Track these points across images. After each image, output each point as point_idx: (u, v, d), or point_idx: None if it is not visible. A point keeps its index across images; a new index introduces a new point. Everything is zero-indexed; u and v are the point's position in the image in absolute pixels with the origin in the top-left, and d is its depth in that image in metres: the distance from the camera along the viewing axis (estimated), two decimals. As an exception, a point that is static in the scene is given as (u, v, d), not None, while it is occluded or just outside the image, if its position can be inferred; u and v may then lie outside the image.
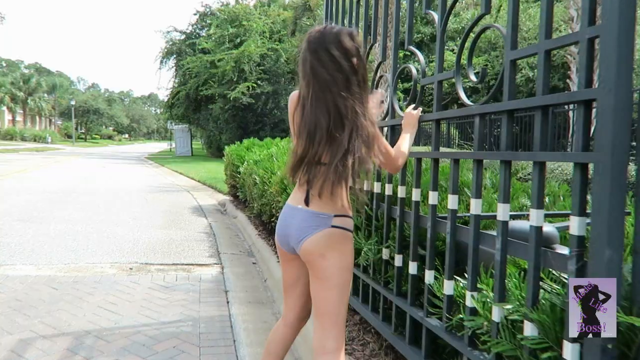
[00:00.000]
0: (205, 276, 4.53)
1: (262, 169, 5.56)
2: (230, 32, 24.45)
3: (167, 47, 28.72)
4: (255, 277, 4.60)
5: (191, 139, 32.77)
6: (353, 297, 2.93)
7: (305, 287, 1.90)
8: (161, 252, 5.33)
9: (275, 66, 24.61)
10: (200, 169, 17.08)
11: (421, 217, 2.21)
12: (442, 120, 2.18)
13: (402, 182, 2.37)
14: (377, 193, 2.67)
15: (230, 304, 3.79)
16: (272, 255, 4.92)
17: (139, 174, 16.37)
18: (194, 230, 6.71)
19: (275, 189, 4.57)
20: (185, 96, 25.87)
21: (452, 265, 1.89)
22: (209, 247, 5.70)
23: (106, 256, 5.04)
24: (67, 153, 31.21)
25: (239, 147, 8.44)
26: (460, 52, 1.95)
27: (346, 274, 1.74)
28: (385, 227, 2.52)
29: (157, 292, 3.98)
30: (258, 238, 5.83)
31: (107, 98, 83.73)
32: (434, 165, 2.16)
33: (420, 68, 2.22)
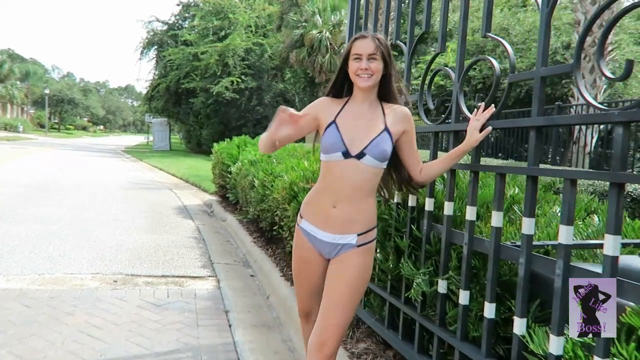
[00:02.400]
0: (200, 291, 4.02)
1: (262, 171, 5.07)
2: (214, 24, 23.78)
3: (148, 37, 27.87)
4: (256, 294, 4.12)
5: (170, 133, 31.89)
6: (391, 332, 2.49)
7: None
8: (148, 260, 4.80)
9: (260, 61, 24.05)
10: (180, 165, 16.41)
11: (504, 248, 1.77)
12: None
13: (471, 200, 1.94)
14: (428, 211, 2.23)
15: (233, 327, 3.31)
16: (273, 267, 4.45)
17: (116, 169, 15.61)
18: (181, 234, 6.17)
19: (281, 195, 4.10)
20: (165, 89, 25.07)
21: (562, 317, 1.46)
22: (200, 256, 5.19)
23: (86, 265, 4.48)
24: (39, 143, 29.93)
25: (230, 144, 7.91)
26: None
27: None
28: (443, 254, 2.09)
29: (147, 311, 3.47)
30: (254, 246, 5.35)
31: (83, 88, 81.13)
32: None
33: (510, 61, 1.78)
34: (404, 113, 1.87)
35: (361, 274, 1.84)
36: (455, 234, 2.06)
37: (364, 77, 1.78)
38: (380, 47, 1.78)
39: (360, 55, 1.78)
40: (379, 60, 1.78)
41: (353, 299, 1.83)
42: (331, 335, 1.78)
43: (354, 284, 1.82)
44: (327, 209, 1.83)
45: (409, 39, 2.53)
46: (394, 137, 1.82)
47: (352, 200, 1.79)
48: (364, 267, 1.84)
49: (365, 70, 1.77)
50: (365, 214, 1.82)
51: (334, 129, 1.81)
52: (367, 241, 1.84)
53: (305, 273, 1.98)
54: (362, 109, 1.85)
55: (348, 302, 1.81)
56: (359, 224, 1.82)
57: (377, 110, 1.84)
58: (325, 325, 1.80)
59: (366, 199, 1.81)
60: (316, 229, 1.88)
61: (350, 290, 1.82)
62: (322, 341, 1.79)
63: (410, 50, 2.50)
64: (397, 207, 2.51)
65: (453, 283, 2.03)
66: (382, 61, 1.79)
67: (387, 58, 1.80)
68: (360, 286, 1.85)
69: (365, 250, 1.84)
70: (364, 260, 1.84)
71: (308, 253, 1.93)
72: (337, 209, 1.81)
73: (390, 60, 1.82)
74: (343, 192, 1.80)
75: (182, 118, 26.92)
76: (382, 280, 2.63)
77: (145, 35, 28.32)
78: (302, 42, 21.01)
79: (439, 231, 2.17)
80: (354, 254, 1.83)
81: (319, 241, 1.88)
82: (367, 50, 1.77)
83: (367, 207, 1.83)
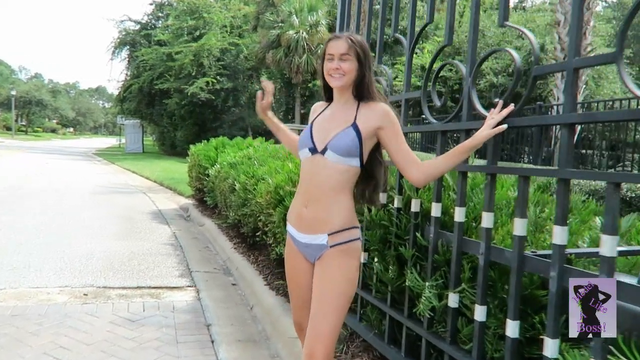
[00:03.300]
0: (178, 304, 3.75)
1: (243, 174, 4.82)
2: (189, 24, 23.31)
3: (120, 37, 27.20)
4: (238, 304, 3.87)
5: (143, 135, 31.18)
6: (392, 349, 2.28)
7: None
8: (121, 270, 4.48)
9: (236, 62, 23.70)
10: (155, 168, 15.94)
11: (529, 259, 1.58)
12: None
13: (488, 206, 1.74)
14: (435, 217, 2.03)
15: (217, 344, 3.05)
16: (256, 275, 4.20)
17: (87, 172, 15.05)
18: (156, 241, 5.85)
19: (265, 200, 3.86)
20: (138, 89, 24.46)
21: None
22: (178, 264, 4.89)
23: (54, 277, 4.15)
24: (5, 146, 28.82)
25: (207, 146, 7.61)
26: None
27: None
28: (454, 265, 1.89)
29: (121, 328, 3.18)
30: (234, 252, 5.08)
31: (52, 89, 78.83)
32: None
33: (535, 53, 1.59)
34: (379, 109, 1.78)
35: (340, 277, 1.75)
36: (468, 243, 1.86)
37: (335, 77, 1.78)
38: (354, 46, 1.76)
39: (332, 56, 1.77)
40: (352, 59, 1.76)
41: (335, 305, 1.73)
42: (317, 345, 1.71)
43: (333, 288, 1.74)
44: (300, 209, 1.84)
45: (410, 32, 2.34)
46: (364, 133, 1.75)
47: (321, 199, 1.77)
48: (342, 270, 1.75)
49: (336, 70, 1.76)
50: (336, 213, 1.76)
51: (308, 129, 1.86)
52: (342, 241, 1.76)
53: (295, 279, 1.94)
54: (338, 108, 1.84)
55: (330, 309, 1.73)
56: (329, 223, 1.77)
57: (352, 108, 1.81)
58: (310, 335, 1.74)
59: (336, 198, 1.76)
60: (295, 231, 1.88)
61: (330, 295, 1.74)
62: (311, 352, 1.72)
63: (412, 43, 2.31)
64: (397, 213, 2.31)
65: (467, 297, 1.83)
66: (355, 61, 1.77)
67: (361, 57, 1.77)
68: (342, 291, 1.75)
69: (342, 252, 1.76)
70: (340, 262, 1.76)
71: (295, 258, 1.91)
72: (308, 209, 1.80)
73: (366, 60, 1.78)
74: (312, 191, 1.80)
75: (156, 119, 26.32)
76: (381, 291, 2.42)
77: (117, 34, 27.63)
78: (278, 43, 20.76)
79: (448, 239, 1.97)
80: (329, 256, 1.77)
81: (299, 243, 1.87)
82: (340, 50, 1.76)
83: (339, 206, 1.76)
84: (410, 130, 2.45)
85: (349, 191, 1.78)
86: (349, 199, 1.79)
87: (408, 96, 2.33)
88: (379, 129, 1.76)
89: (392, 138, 1.76)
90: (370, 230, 2.43)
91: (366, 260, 2.61)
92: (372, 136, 1.78)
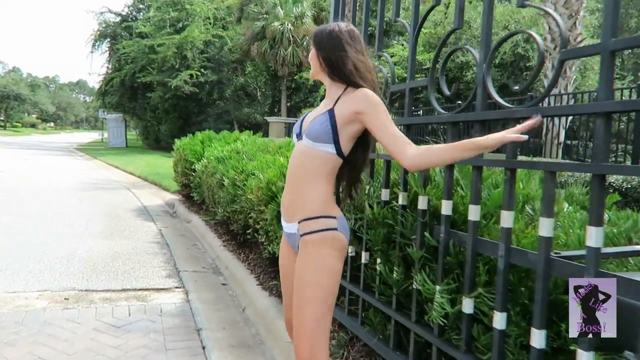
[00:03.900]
0: (166, 306, 3.56)
1: (231, 169, 4.63)
2: (171, 15, 22.83)
3: (100, 29, 26.62)
4: (230, 306, 3.69)
5: (126, 129, 30.64)
6: (398, 356, 2.13)
7: None
8: (105, 271, 4.27)
9: (220, 54, 23.33)
10: (139, 163, 15.59)
11: (557, 262, 1.43)
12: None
13: (508, 204, 1.59)
14: (446, 216, 1.87)
15: (208, 350, 2.87)
16: (248, 275, 4.04)
17: (68, 168, 14.65)
18: (142, 239, 5.64)
19: (257, 196, 3.68)
20: (120, 83, 23.95)
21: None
22: (165, 263, 4.69)
23: (32, 280, 3.92)
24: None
25: (193, 140, 7.37)
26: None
27: None
28: (469, 267, 1.74)
29: (105, 335, 2.98)
30: (224, 250, 4.90)
31: (30, 83, 77.13)
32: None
33: (562, 35, 1.43)
34: (358, 93, 1.69)
35: (312, 266, 1.67)
36: (484, 244, 1.71)
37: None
38: (313, 36, 1.80)
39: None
40: (313, 49, 1.79)
41: (310, 296, 1.66)
42: (298, 341, 1.68)
43: (306, 278, 1.67)
44: (284, 196, 1.84)
45: (414, 17, 2.17)
46: (339, 118, 1.68)
47: (296, 185, 1.75)
48: (314, 259, 1.67)
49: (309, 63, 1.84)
50: (307, 200, 1.71)
51: (303, 116, 1.89)
52: (313, 230, 1.69)
53: (284, 272, 1.92)
54: (327, 96, 1.82)
55: (304, 301, 1.66)
56: (300, 210, 1.73)
57: (336, 95, 1.76)
58: (294, 331, 1.73)
59: (309, 184, 1.71)
60: (283, 220, 1.87)
61: (303, 286, 1.68)
62: (295, 349, 1.70)
63: (417, 29, 2.14)
64: (402, 211, 2.15)
65: (483, 303, 1.69)
66: (315, 49, 1.78)
67: (318, 44, 1.77)
68: (315, 281, 1.66)
69: (314, 242, 1.68)
70: (311, 251, 1.68)
71: (284, 250, 1.91)
72: (287, 195, 1.81)
73: (324, 45, 1.75)
74: (290, 177, 1.79)
75: (139, 113, 25.84)
76: (385, 294, 2.27)
77: (97, 27, 27.01)
78: (263, 35, 20.45)
79: (461, 239, 1.82)
80: (301, 245, 1.72)
81: (285, 233, 1.87)
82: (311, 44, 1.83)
83: (311, 193, 1.71)
84: (413, 121, 2.28)
85: (324, 179, 1.71)
86: (324, 187, 1.71)
87: (413, 85, 2.16)
88: (359, 114, 1.66)
89: (375, 122, 1.65)
90: (373, 229, 2.27)
91: (367, 260, 2.46)
92: (352, 122, 1.68)
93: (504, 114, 1.67)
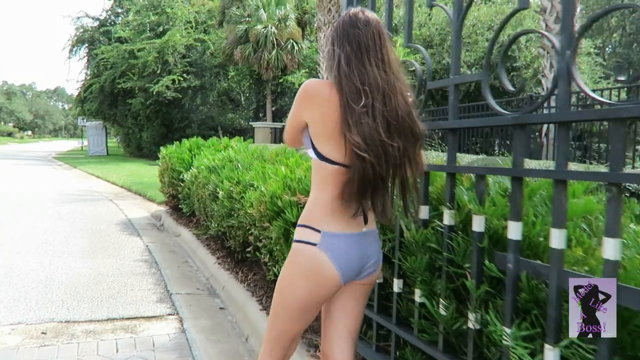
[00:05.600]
0: (159, 338, 3.14)
1: (226, 180, 4.22)
2: (151, 19, 22.24)
3: (77, 34, 25.87)
4: (231, 335, 3.29)
5: (106, 136, 29.87)
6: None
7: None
8: (88, 298, 3.83)
9: (202, 59, 22.83)
10: (121, 172, 15.01)
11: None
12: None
13: (612, 230, 1.24)
14: (514, 241, 1.52)
15: (211, 394, 2.47)
16: (249, 297, 3.64)
17: (47, 179, 14.01)
18: (128, 257, 5.19)
19: (259, 211, 3.28)
20: (99, 89, 23.23)
21: None
22: (154, 285, 4.26)
23: (4, 311, 3.46)
24: (-44, 153, 27.09)
25: (180, 148, 6.93)
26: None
27: None
28: (554, 308, 1.38)
29: (90, 380, 2.57)
30: (219, 268, 4.49)
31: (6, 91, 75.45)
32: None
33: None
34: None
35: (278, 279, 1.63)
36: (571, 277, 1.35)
37: None
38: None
39: None
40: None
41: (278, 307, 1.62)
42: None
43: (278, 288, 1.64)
44: None
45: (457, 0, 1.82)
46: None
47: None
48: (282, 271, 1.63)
49: None
50: (306, 207, 1.63)
51: None
52: (294, 239, 1.61)
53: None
54: None
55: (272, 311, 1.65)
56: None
57: None
58: None
59: (311, 191, 1.62)
60: None
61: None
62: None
63: (462, 14, 1.79)
64: (449, 232, 1.79)
65: (577, 355, 1.33)
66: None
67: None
68: (275, 294, 1.63)
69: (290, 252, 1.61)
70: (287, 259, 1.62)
71: None
72: None
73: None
74: None
75: (120, 120, 25.12)
76: (428, 332, 1.90)
77: (74, 32, 26.27)
78: (246, 38, 20.02)
79: (537, 271, 1.46)
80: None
81: None
82: None
83: (308, 200, 1.63)
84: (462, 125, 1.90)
85: (316, 186, 1.58)
86: (316, 195, 1.58)
87: (460, 80, 1.80)
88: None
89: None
90: (412, 254, 1.90)
91: (401, 289, 2.09)
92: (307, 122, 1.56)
93: (599, 113, 1.32)
